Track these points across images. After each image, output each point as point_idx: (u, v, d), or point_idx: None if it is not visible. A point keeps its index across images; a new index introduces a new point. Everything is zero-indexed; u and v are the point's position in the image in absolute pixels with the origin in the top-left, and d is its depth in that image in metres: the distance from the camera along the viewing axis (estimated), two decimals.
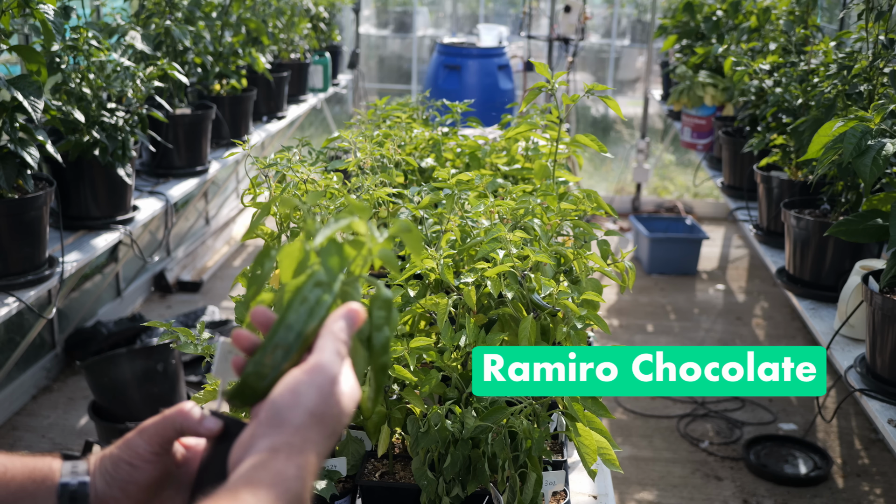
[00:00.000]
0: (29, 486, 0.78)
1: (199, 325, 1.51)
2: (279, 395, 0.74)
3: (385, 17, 7.58)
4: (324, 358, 0.75)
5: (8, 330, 3.54)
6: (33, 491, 0.78)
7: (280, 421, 0.72)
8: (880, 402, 2.05)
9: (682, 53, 5.08)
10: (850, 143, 2.06)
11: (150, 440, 0.79)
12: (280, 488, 0.68)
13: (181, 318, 4.40)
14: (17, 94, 2.21)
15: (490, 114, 4.59)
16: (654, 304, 5.07)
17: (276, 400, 0.73)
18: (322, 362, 0.75)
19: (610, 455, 1.43)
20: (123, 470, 0.79)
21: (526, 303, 1.55)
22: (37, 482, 0.79)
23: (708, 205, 6.60)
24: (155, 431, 0.79)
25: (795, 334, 4.67)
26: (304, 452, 0.71)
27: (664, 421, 3.82)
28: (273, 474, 0.69)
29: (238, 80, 3.96)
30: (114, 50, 2.97)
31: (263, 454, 0.70)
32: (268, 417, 0.73)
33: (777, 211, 3.08)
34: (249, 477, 0.69)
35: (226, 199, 6.03)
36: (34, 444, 3.44)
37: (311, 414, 0.73)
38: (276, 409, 0.73)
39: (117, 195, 2.93)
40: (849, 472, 3.46)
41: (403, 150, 2.27)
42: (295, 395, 0.73)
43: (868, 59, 2.63)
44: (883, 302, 2.00)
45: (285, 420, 0.72)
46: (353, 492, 1.54)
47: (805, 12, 3.68)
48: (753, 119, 3.67)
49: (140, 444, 0.79)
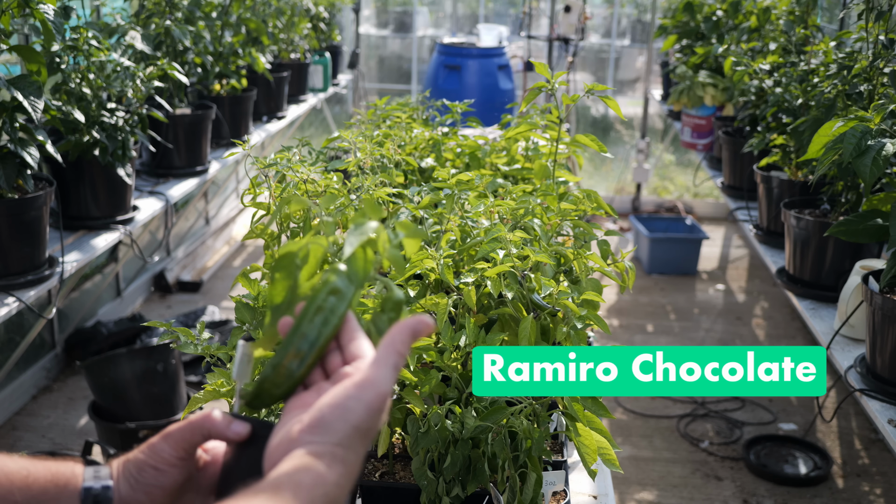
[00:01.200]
0: (51, 490, 0.79)
1: (199, 325, 1.51)
2: (328, 408, 0.74)
3: (385, 17, 7.58)
4: (378, 374, 0.76)
5: (8, 330, 3.54)
6: (56, 495, 0.79)
7: (325, 430, 0.73)
8: (880, 402, 2.05)
9: (682, 53, 5.08)
10: (850, 143, 2.06)
11: (176, 445, 0.80)
12: (320, 490, 0.69)
13: (181, 318, 4.40)
14: (17, 94, 2.21)
15: (490, 114, 4.59)
16: (654, 304, 5.07)
17: (323, 411, 0.74)
18: (376, 379, 0.75)
19: (610, 455, 1.43)
20: (149, 474, 0.80)
21: (526, 303, 1.55)
22: (59, 486, 0.79)
23: (708, 205, 6.60)
24: (181, 437, 0.80)
25: (795, 334, 4.67)
26: (346, 462, 0.72)
27: (664, 421, 3.82)
28: (315, 476, 0.70)
29: (238, 80, 3.96)
30: (114, 50, 2.97)
31: (307, 458, 0.71)
32: (312, 425, 0.74)
33: (777, 211, 3.08)
34: (291, 475, 0.70)
35: (226, 199, 6.03)
36: (34, 444, 3.44)
37: (356, 429, 0.74)
38: (322, 419, 0.74)
39: (117, 195, 2.93)
40: (849, 472, 3.46)
41: (403, 150, 2.27)
42: (343, 411, 0.74)
43: (868, 59, 2.63)
44: (883, 302, 2.00)
45: (330, 430, 0.73)
46: (353, 492, 1.54)
47: (805, 12, 3.68)
48: (753, 119, 3.67)
49: (166, 448, 0.80)
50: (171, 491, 0.81)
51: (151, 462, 0.80)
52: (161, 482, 0.80)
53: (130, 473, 0.80)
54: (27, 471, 0.79)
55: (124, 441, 3.17)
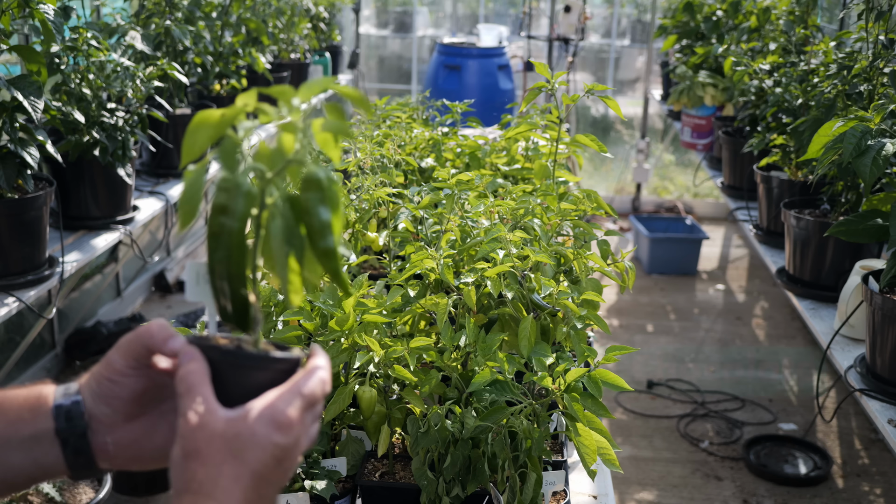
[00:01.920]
0: (26, 414, 0.82)
1: (199, 324, 1.51)
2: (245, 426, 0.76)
3: (385, 17, 7.57)
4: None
5: (8, 330, 3.54)
6: (31, 417, 0.82)
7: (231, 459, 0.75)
8: (880, 402, 2.05)
9: (682, 53, 5.08)
10: (850, 143, 2.06)
11: (125, 356, 0.82)
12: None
13: (181, 318, 4.40)
14: (17, 94, 2.21)
15: (490, 114, 4.59)
16: (654, 304, 5.07)
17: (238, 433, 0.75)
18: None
19: (610, 455, 1.43)
20: (105, 386, 0.82)
21: (526, 303, 1.55)
22: (33, 409, 0.82)
23: (708, 205, 6.60)
24: (128, 348, 0.82)
25: (795, 334, 4.67)
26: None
27: (664, 421, 3.82)
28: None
29: (238, 80, 3.96)
30: (114, 50, 2.97)
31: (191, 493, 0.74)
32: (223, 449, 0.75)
33: (777, 211, 3.08)
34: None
35: None
36: None
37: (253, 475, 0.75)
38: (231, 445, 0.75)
39: (117, 195, 2.93)
40: (849, 472, 3.46)
41: (403, 150, 2.27)
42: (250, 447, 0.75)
43: (868, 59, 2.63)
44: (883, 302, 2.00)
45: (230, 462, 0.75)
46: (353, 492, 1.54)
47: (805, 12, 3.68)
48: (753, 119, 3.67)
49: (117, 359, 0.82)
50: (132, 400, 0.83)
51: (106, 374, 0.82)
52: (117, 392, 0.82)
53: (91, 387, 0.83)
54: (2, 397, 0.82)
55: None
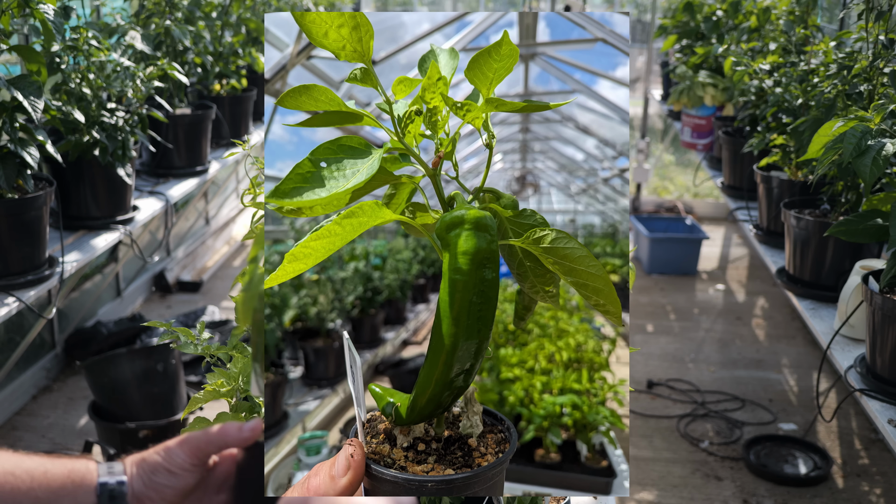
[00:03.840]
0: (69, 486, 0.82)
1: (199, 325, 1.51)
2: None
3: None
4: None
5: (8, 330, 3.54)
6: (73, 490, 0.82)
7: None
8: (880, 402, 2.05)
9: (682, 53, 5.08)
10: (850, 143, 2.06)
11: (192, 453, 0.84)
12: None
13: (181, 318, 4.40)
14: (17, 94, 2.21)
15: None
16: (654, 304, 5.07)
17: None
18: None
19: None
20: (162, 476, 0.84)
21: None
22: (76, 482, 0.82)
23: (708, 205, 6.60)
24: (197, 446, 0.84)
25: (795, 334, 4.67)
26: None
27: (664, 421, 3.82)
28: None
29: (238, 80, 3.96)
30: (114, 50, 2.97)
31: None
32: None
33: (777, 211, 3.08)
34: None
35: (226, 199, 6.03)
36: (34, 444, 3.44)
37: None
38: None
39: (117, 195, 2.93)
40: (849, 472, 3.46)
41: None
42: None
43: (868, 59, 2.63)
44: (883, 302, 2.00)
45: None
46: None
47: (805, 12, 3.68)
48: (753, 119, 3.67)
49: (181, 455, 0.84)
50: (183, 493, 0.85)
51: (166, 465, 0.84)
52: (174, 484, 0.84)
53: (144, 473, 0.84)
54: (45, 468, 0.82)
55: (124, 441, 3.17)
